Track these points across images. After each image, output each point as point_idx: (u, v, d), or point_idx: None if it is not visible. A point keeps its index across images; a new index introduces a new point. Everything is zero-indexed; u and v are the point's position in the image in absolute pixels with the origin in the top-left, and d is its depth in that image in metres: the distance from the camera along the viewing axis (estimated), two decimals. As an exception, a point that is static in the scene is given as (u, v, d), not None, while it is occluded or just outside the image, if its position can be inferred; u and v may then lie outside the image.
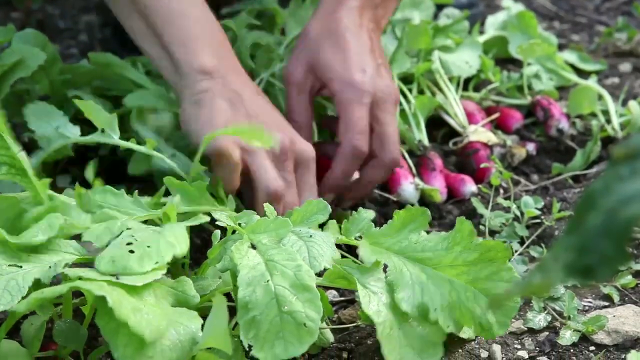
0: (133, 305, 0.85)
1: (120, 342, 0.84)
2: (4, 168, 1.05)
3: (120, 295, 0.85)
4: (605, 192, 0.46)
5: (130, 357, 0.84)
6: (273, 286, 0.90)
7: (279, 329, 0.87)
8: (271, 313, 0.88)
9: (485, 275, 1.01)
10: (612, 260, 0.44)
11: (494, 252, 1.02)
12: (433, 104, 1.62)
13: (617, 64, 1.98)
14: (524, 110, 1.75)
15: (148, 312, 0.86)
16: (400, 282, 1.00)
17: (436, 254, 1.03)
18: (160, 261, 0.92)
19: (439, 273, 1.01)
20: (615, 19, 2.24)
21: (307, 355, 1.12)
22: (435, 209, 1.47)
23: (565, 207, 1.43)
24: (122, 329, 0.84)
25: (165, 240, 0.95)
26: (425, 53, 1.71)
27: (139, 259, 0.91)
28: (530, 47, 1.75)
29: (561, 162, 1.60)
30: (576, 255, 0.45)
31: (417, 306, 0.99)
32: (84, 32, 2.16)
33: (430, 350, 1.00)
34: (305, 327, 0.88)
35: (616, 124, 1.64)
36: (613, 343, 1.11)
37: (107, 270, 0.89)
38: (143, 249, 0.92)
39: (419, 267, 1.02)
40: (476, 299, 1.00)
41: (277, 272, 0.91)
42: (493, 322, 1.00)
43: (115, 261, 0.90)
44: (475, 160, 1.55)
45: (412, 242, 1.05)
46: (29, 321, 1.05)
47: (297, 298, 0.89)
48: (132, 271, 0.90)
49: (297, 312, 0.88)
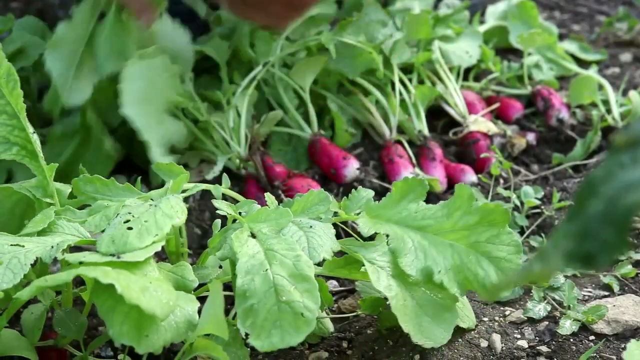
0: (140, 285, 0.85)
1: (116, 320, 0.84)
2: (15, 149, 1.06)
3: (126, 278, 0.85)
4: (606, 180, 0.46)
5: (127, 334, 0.84)
6: (272, 275, 0.90)
7: (276, 318, 0.87)
8: (269, 302, 0.88)
9: (485, 238, 1.03)
10: (612, 247, 0.43)
11: (494, 216, 1.03)
12: (433, 94, 1.62)
13: (618, 54, 1.98)
14: (524, 100, 1.75)
15: (156, 289, 0.86)
16: (403, 248, 1.02)
17: (437, 220, 1.04)
18: (159, 233, 0.93)
19: (440, 238, 1.03)
20: (615, 8, 2.23)
21: (307, 345, 1.12)
22: (435, 199, 1.47)
23: (565, 197, 1.42)
24: (118, 307, 0.84)
25: (162, 213, 0.96)
26: (425, 43, 1.70)
27: (138, 235, 0.92)
28: (530, 37, 1.75)
29: (561, 152, 1.60)
30: (577, 242, 0.45)
31: (421, 270, 1.01)
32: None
33: (445, 315, 1.02)
34: (303, 317, 0.87)
35: (616, 114, 1.64)
36: (613, 332, 1.11)
37: (108, 251, 0.90)
38: (141, 224, 0.93)
39: (420, 235, 1.04)
40: (478, 261, 1.02)
41: (276, 261, 0.91)
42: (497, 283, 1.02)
43: (115, 240, 0.91)
44: (475, 150, 1.55)
45: (412, 211, 1.06)
46: (29, 310, 1.05)
47: (295, 288, 0.89)
48: (133, 247, 0.91)
49: (295, 302, 0.88)
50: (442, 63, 1.68)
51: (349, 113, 1.63)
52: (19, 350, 0.98)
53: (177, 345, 1.08)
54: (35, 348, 1.00)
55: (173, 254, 1.10)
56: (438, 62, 1.68)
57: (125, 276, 0.85)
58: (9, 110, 1.05)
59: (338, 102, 1.62)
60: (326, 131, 1.58)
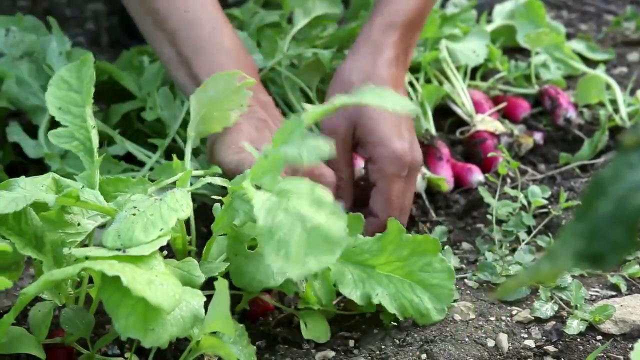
0: (146, 278, 0.85)
1: (122, 314, 0.85)
2: (75, 142, 1.12)
3: (132, 271, 0.85)
4: (615, 180, 0.46)
5: (132, 328, 0.84)
6: (292, 208, 0.88)
7: (307, 244, 0.84)
8: (296, 230, 0.85)
9: (418, 267, 1.12)
10: (622, 247, 0.43)
11: (425, 246, 1.12)
12: (440, 93, 1.62)
13: (625, 53, 1.97)
14: (531, 100, 1.74)
15: (162, 282, 0.87)
16: (343, 280, 1.11)
17: (372, 254, 1.12)
18: (164, 227, 0.94)
19: (377, 270, 1.12)
20: (623, 8, 2.23)
21: (313, 344, 1.12)
22: (442, 198, 1.47)
23: (572, 197, 1.42)
24: (124, 301, 0.84)
25: (167, 206, 0.96)
26: (432, 42, 1.70)
27: (143, 229, 0.93)
28: (538, 36, 1.74)
29: (568, 152, 1.60)
30: (586, 242, 0.45)
31: (360, 295, 1.11)
32: (91, 20, 2.16)
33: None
34: (333, 238, 0.85)
35: (624, 114, 1.63)
36: (620, 332, 1.10)
37: (114, 245, 0.91)
38: (146, 218, 0.94)
39: (359, 268, 1.12)
40: (413, 289, 1.12)
41: (292, 196, 0.89)
42: (430, 308, 1.12)
43: (121, 235, 0.92)
44: (482, 150, 1.55)
45: (350, 246, 1.12)
46: (36, 307, 1.06)
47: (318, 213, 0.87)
48: (139, 241, 0.91)
49: (322, 225, 0.86)
50: (449, 62, 1.68)
51: (356, 112, 1.62)
52: (26, 347, 0.98)
53: (183, 343, 1.08)
54: (42, 345, 1.00)
55: (180, 252, 1.10)
56: (445, 62, 1.68)
57: (131, 269, 0.86)
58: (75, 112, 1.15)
59: (345, 101, 1.61)
60: (333, 130, 1.57)
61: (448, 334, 1.11)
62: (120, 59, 1.68)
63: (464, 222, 1.42)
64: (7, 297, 1.19)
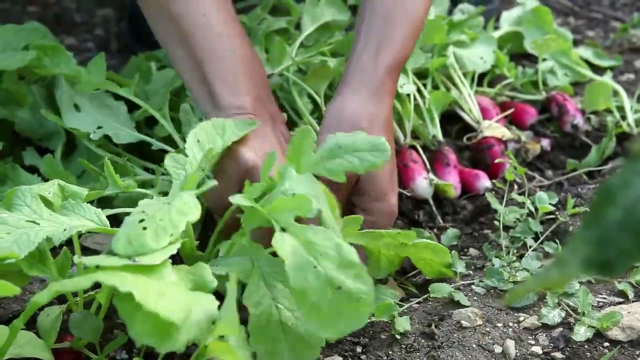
0: (157, 290, 0.85)
1: (137, 321, 0.84)
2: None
3: (144, 284, 0.85)
4: (624, 187, 0.46)
5: (147, 334, 0.84)
6: (322, 270, 0.91)
7: (338, 309, 0.90)
8: (327, 295, 0.90)
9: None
10: (630, 254, 0.44)
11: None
12: (447, 99, 1.62)
13: (633, 60, 1.97)
14: (538, 106, 1.75)
15: (173, 294, 0.86)
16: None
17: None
18: (174, 232, 0.94)
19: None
20: (630, 14, 2.23)
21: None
22: (450, 204, 1.47)
23: (579, 203, 1.42)
24: (139, 308, 0.84)
25: (176, 210, 0.96)
26: (440, 48, 1.71)
27: (154, 235, 0.92)
28: (545, 43, 1.75)
29: (576, 158, 1.60)
30: (595, 249, 0.45)
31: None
32: (100, 26, 2.17)
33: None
34: (361, 301, 0.90)
35: (631, 120, 1.63)
36: (627, 339, 1.10)
37: (125, 253, 0.90)
38: (156, 223, 0.93)
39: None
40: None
41: (319, 255, 0.92)
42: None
43: (132, 241, 0.91)
44: (489, 156, 1.55)
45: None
46: (45, 312, 1.06)
47: (346, 276, 0.91)
48: (150, 249, 0.91)
49: (350, 290, 0.90)
50: (456, 68, 1.68)
51: (363, 118, 1.63)
52: (35, 352, 0.99)
53: (191, 347, 1.08)
54: (51, 350, 1.01)
55: (188, 257, 1.10)
56: (452, 68, 1.68)
57: (143, 281, 0.86)
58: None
59: (352, 107, 1.62)
60: (340, 136, 1.58)
61: (455, 340, 1.11)
62: (128, 64, 1.69)
63: (471, 228, 1.42)
64: (16, 301, 1.20)
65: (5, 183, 1.38)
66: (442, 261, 1.22)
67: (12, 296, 1.08)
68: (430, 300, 1.21)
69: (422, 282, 1.28)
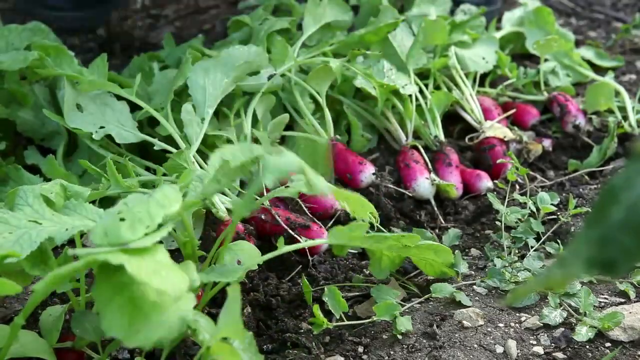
0: (152, 268, 0.84)
1: (109, 311, 0.83)
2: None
3: (137, 261, 0.84)
4: (627, 187, 0.46)
5: (117, 326, 0.82)
6: None
7: None
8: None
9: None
10: (633, 253, 0.44)
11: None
12: (449, 100, 1.62)
13: (634, 61, 1.97)
14: (540, 107, 1.75)
15: (167, 274, 0.86)
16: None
17: None
18: (151, 224, 0.91)
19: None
20: (632, 15, 2.23)
21: (322, 348, 1.13)
22: (451, 205, 1.47)
23: (581, 203, 1.42)
24: (115, 299, 0.83)
25: (155, 202, 0.94)
26: (441, 49, 1.71)
27: (130, 226, 0.90)
28: (547, 43, 1.75)
29: (577, 159, 1.60)
30: (598, 248, 0.45)
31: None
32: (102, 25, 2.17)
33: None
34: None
35: (633, 121, 1.63)
36: (629, 339, 1.10)
37: (101, 243, 0.88)
38: (133, 215, 0.91)
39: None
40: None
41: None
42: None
43: (108, 232, 0.89)
44: (491, 156, 1.55)
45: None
46: (47, 312, 1.06)
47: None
48: (125, 240, 0.88)
49: None
50: (458, 69, 1.69)
51: (365, 118, 1.63)
52: (37, 351, 0.99)
53: (194, 348, 1.08)
54: (53, 350, 1.01)
55: (189, 257, 1.10)
56: (454, 68, 1.68)
57: (136, 259, 0.85)
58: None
59: (354, 107, 1.62)
60: (342, 136, 1.58)
61: (457, 340, 1.11)
62: (130, 64, 1.69)
63: (473, 228, 1.42)
64: (18, 300, 1.20)
65: (7, 183, 1.38)
66: (444, 261, 1.22)
67: (14, 295, 1.08)
68: (431, 300, 1.21)
69: (423, 282, 1.28)
